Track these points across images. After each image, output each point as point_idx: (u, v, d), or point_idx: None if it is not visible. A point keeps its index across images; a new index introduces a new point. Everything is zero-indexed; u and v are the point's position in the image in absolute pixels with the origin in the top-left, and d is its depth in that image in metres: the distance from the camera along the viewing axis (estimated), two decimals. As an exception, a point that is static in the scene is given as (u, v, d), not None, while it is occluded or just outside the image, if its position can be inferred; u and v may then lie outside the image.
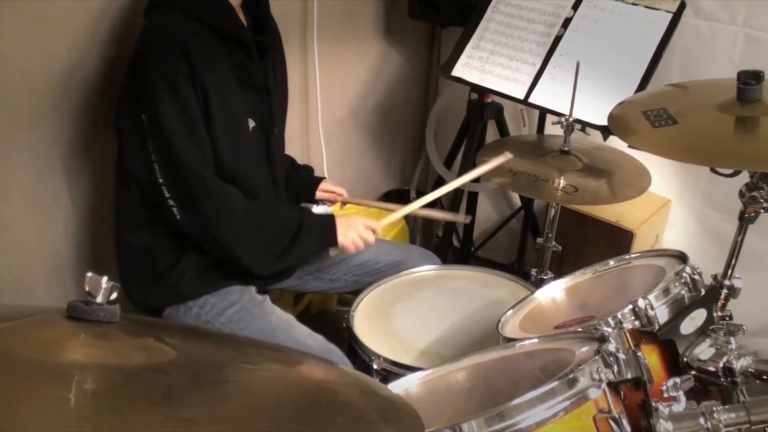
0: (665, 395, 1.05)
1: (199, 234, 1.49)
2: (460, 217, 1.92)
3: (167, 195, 1.44)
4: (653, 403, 1.02)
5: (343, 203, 1.91)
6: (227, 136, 1.49)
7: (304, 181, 1.88)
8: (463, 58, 2.11)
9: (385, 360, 1.47)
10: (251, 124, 1.56)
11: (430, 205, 1.71)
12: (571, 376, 0.97)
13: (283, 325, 1.58)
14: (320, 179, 1.90)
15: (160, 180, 1.43)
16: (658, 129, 1.35)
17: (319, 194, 1.87)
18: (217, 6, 1.48)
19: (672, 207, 2.33)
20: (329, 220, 1.60)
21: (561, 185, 1.64)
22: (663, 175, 2.23)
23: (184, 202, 1.45)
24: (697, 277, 1.29)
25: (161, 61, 1.41)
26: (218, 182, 1.47)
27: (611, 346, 1.04)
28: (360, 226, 1.61)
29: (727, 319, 1.32)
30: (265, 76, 1.59)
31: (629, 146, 1.52)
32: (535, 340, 1.23)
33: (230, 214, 1.47)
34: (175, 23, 1.44)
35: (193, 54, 1.40)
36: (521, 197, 2.58)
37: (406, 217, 2.58)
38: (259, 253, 1.52)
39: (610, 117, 1.49)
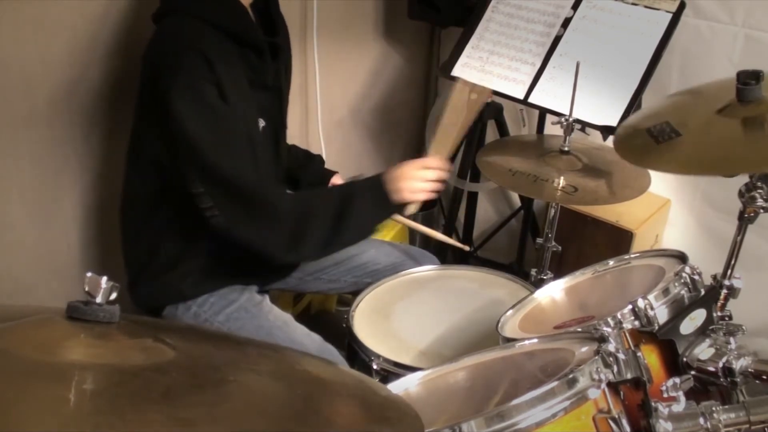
0: (665, 395, 1.05)
1: (241, 239, 1.45)
2: (464, 246, 1.87)
3: (209, 204, 1.40)
4: (653, 403, 1.02)
5: None
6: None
7: (318, 172, 1.87)
8: (463, 58, 2.11)
9: (385, 360, 1.47)
10: (261, 123, 1.55)
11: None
12: (570, 376, 0.97)
13: (280, 324, 1.58)
14: (333, 172, 1.87)
15: (201, 189, 1.39)
16: (662, 145, 1.29)
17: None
18: (231, 10, 1.46)
19: (672, 207, 2.32)
20: (377, 184, 1.48)
21: (560, 185, 1.64)
22: (663, 175, 2.22)
23: (224, 207, 1.41)
24: (696, 277, 1.29)
25: (188, 72, 1.36)
26: (258, 185, 1.42)
27: (611, 346, 1.03)
28: (410, 172, 1.49)
29: (726, 319, 1.31)
30: (276, 77, 1.58)
31: None
32: (535, 340, 1.22)
33: (271, 219, 1.43)
34: (193, 30, 1.41)
35: (215, 61, 1.37)
36: (521, 197, 2.58)
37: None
38: (301, 251, 1.47)
39: (617, 143, 1.41)
